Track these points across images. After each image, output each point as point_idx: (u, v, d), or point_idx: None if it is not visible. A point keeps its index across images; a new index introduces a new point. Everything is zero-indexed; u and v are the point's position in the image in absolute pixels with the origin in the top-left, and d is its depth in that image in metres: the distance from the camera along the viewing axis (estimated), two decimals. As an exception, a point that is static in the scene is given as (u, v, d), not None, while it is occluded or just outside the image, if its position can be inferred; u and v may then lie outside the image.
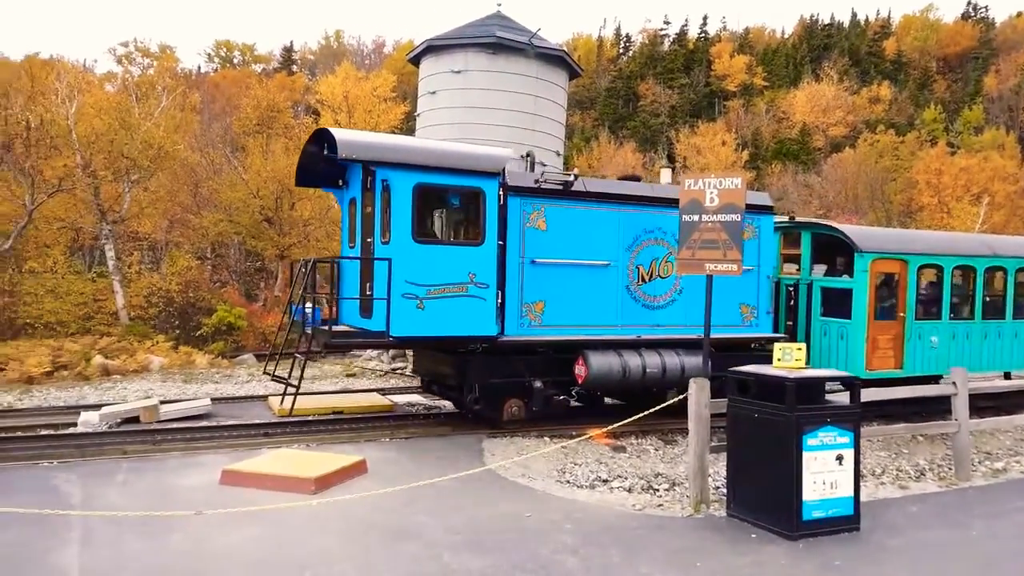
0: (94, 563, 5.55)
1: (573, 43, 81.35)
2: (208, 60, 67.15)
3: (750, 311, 11.89)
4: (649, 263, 11.24)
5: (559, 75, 21.40)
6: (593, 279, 10.82)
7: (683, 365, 10.85)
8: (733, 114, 66.62)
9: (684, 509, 7.33)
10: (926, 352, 12.38)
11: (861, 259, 11.82)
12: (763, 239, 11.98)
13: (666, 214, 11.15)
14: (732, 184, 8.49)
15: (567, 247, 10.61)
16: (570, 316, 10.68)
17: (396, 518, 6.66)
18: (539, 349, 10.61)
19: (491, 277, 9.92)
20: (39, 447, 9.14)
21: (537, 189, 10.49)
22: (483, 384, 10.27)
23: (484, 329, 9.89)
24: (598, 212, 10.89)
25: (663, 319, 11.37)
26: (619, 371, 10.48)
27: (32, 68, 26.21)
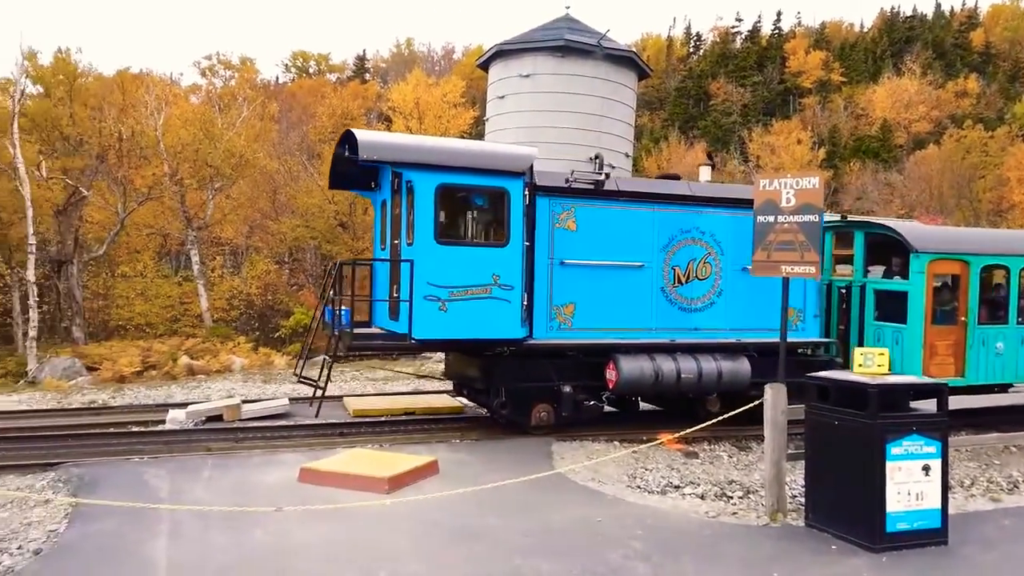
0: (182, 555, 5.80)
1: (642, 43, 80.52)
2: (285, 71, 69.35)
3: (796, 314, 11.32)
4: (686, 264, 10.87)
5: (628, 76, 21.22)
6: (625, 281, 10.53)
7: (720, 370, 10.49)
8: (809, 111, 64.68)
9: (760, 518, 7.16)
10: (991, 359, 11.59)
11: (917, 260, 11.11)
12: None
13: (704, 213, 10.89)
14: (809, 184, 8.24)
15: (598, 248, 10.37)
16: (601, 319, 10.42)
17: (467, 519, 6.73)
18: (569, 353, 10.38)
19: (516, 279, 9.73)
20: (131, 443, 9.63)
21: (567, 189, 10.28)
22: (510, 388, 10.11)
23: (508, 332, 9.71)
24: (631, 212, 10.60)
25: (701, 322, 10.95)
26: (651, 376, 10.16)
27: (124, 82, 27.64)
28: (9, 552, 5.93)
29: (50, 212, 23.81)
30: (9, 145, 22.06)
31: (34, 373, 18.37)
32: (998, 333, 11.71)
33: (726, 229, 11.04)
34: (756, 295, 10.96)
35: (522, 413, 10.22)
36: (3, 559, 5.80)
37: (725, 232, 11.03)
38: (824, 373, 6.92)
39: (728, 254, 11.05)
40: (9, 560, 5.77)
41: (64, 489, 7.59)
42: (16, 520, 6.69)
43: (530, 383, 10.18)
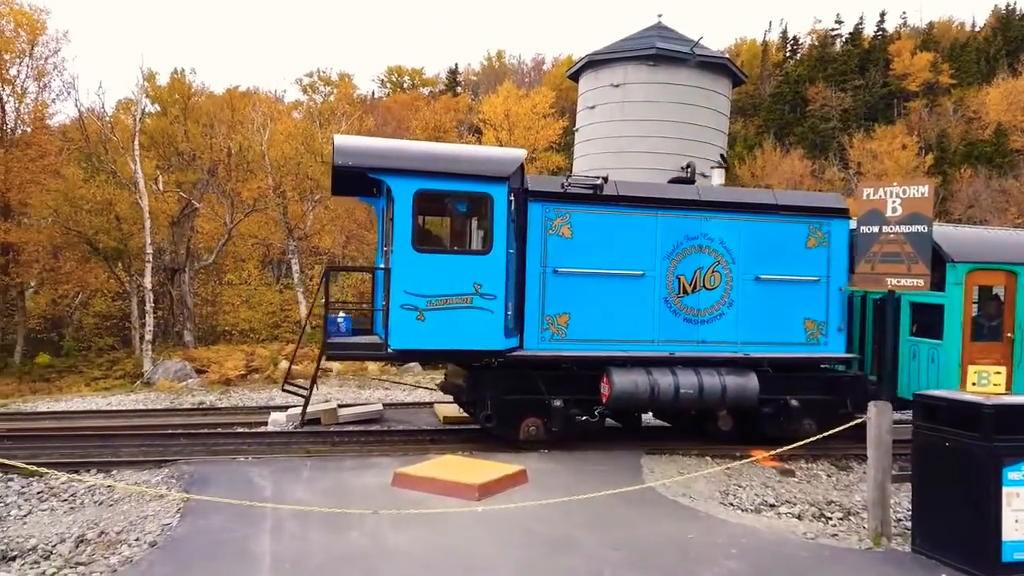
0: (283, 552, 6.06)
1: (736, 49, 78.70)
2: (381, 85, 71.47)
3: (817, 327, 10.68)
4: (692, 273, 10.34)
5: (721, 83, 20.84)
6: (625, 290, 10.10)
7: (724, 386, 9.92)
8: (915, 115, 61.53)
9: (862, 541, 6.85)
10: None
11: (954, 270, 10.17)
12: (834, 246, 10.73)
13: (713, 219, 10.38)
14: (917, 192, 7.89)
15: (595, 255, 9.98)
16: (599, 330, 10.01)
17: (556, 529, 6.74)
18: (563, 365, 10.02)
19: (499, 288, 9.31)
20: (236, 443, 10.13)
21: (562, 194, 9.94)
22: (497, 401, 9.80)
23: (490, 343, 9.32)
24: (632, 217, 10.14)
25: (709, 335, 10.40)
26: (646, 391, 9.68)
27: (232, 100, 29.21)
28: (128, 543, 6.34)
29: (165, 223, 25.45)
30: (131, 161, 23.73)
31: (149, 374, 19.59)
32: None
33: (738, 236, 10.49)
34: (771, 306, 10.51)
35: (510, 427, 9.87)
36: (123, 549, 6.21)
37: (737, 239, 10.49)
38: (935, 392, 6.56)
39: (740, 262, 10.49)
40: (128, 551, 6.17)
41: (177, 485, 8.06)
42: (134, 513, 7.15)
43: (519, 396, 9.83)
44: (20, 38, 27.87)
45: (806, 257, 10.61)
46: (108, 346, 28.91)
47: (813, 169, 55.32)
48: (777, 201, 10.81)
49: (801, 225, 10.64)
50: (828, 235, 10.74)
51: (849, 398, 10.65)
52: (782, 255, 10.57)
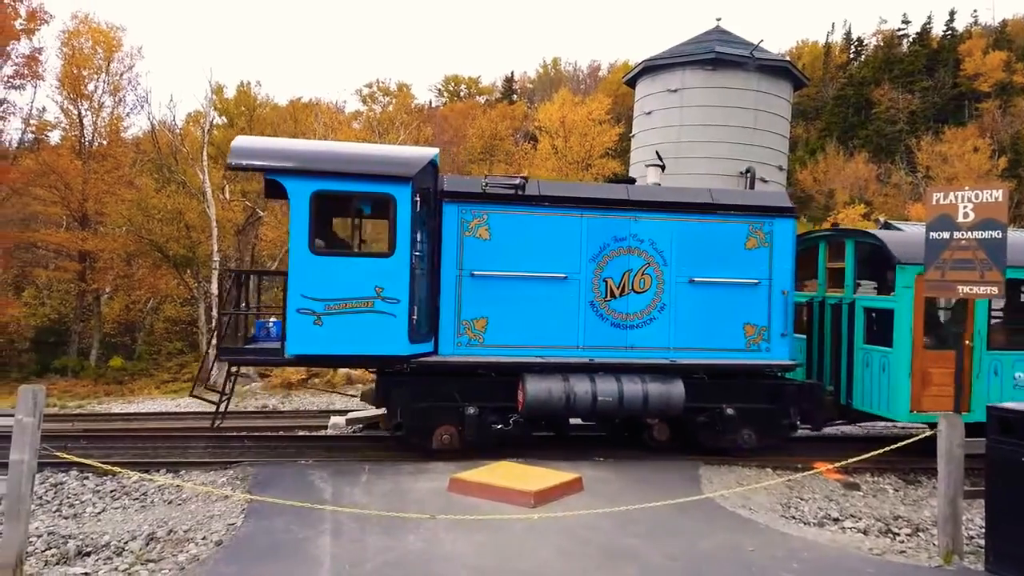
0: (342, 554, 6.16)
1: (797, 51, 77.06)
2: (438, 95, 72.39)
3: (758, 333, 10.13)
4: (620, 276, 9.90)
5: (782, 87, 20.44)
6: (547, 294, 9.72)
7: (647, 393, 9.47)
8: (987, 117, 59.07)
9: (932, 559, 6.60)
10: (1007, 392, 9.74)
11: (903, 273, 9.59)
12: (777, 247, 10.17)
13: (643, 219, 9.93)
14: (991, 196, 7.57)
15: (515, 258, 9.63)
16: (519, 335, 9.67)
17: (612, 539, 6.69)
18: (480, 371, 9.65)
19: (402, 291, 8.96)
20: (298, 446, 10.37)
21: (480, 195, 9.60)
22: (408, 409, 9.45)
23: (392, 348, 8.99)
24: (555, 218, 9.76)
25: (639, 340, 9.95)
26: (561, 398, 9.30)
27: (295, 111, 29.99)
28: (195, 542, 6.55)
29: (231, 231, 26.28)
30: (199, 171, 24.60)
31: (215, 378, 20.20)
32: (1017, 360, 9.80)
33: (671, 237, 10.04)
34: (707, 310, 10.05)
35: (422, 436, 9.55)
36: (190, 548, 6.42)
37: (669, 240, 10.04)
38: (1010, 404, 6.29)
39: (673, 264, 10.04)
40: (195, 549, 6.38)
41: (241, 486, 8.29)
42: (201, 512, 7.39)
43: (431, 403, 9.49)
44: (97, 55, 29.23)
45: (746, 258, 10.12)
46: (177, 350, 29.99)
47: (879, 173, 53.69)
48: (714, 200, 10.32)
49: (740, 225, 10.14)
50: (770, 235, 10.19)
51: (793, 408, 10.19)
52: (719, 256, 10.08)
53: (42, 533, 6.86)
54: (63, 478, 8.80)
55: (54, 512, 7.84)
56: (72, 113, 29.91)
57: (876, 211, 41.75)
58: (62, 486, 8.60)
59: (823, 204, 50.79)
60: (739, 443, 10.04)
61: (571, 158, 33.09)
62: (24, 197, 29.18)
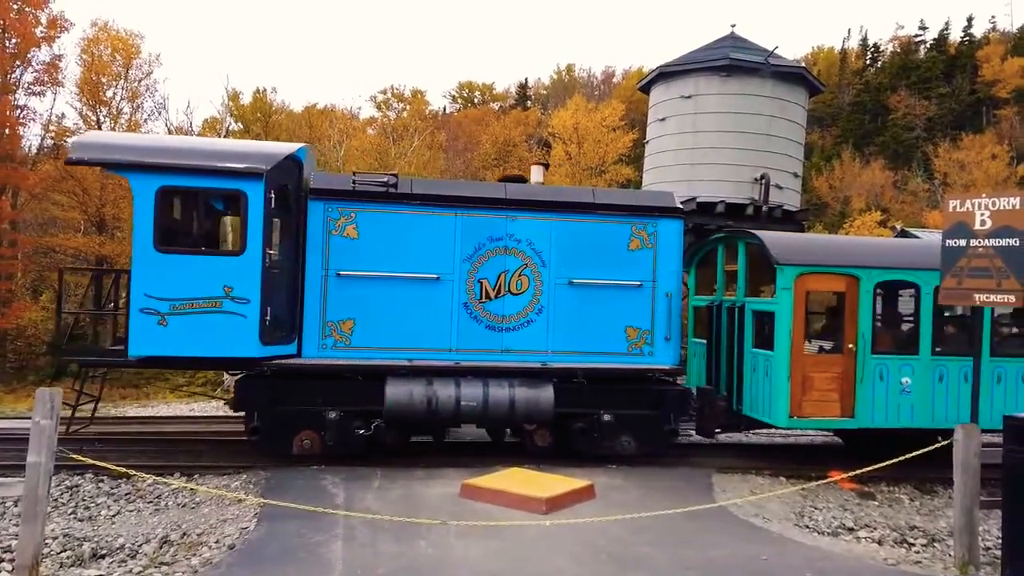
0: (354, 559, 6.18)
1: (812, 57, 76.76)
2: (452, 101, 72.63)
3: (641, 336, 9.88)
4: (496, 277, 9.65)
5: (797, 93, 20.35)
6: (418, 295, 9.48)
7: (513, 399, 9.23)
8: (1005, 124, 58.64)
9: (948, 570, 6.53)
10: (892, 397, 9.54)
11: (783, 274, 9.34)
12: (662, 248, 9.94)
13: (520, 219, 9.71)
14: (1009, 204, 7.52)
15: (385, 258, 9.40)
16: (388, 337, 9.42)
17: (625, 546, 6.66)
18: (347, 374, 9.37)
19: (253, 291, 8.67)
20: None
21: (348, 192, 9.38)
22: (266, 413, 9.14)
23: (242, 350, 8.67)
24: (427, 217, 9.53)
25: (515, 343, 9.69)
26: (422, 403, 9.08)
27: (311, 118, 30.20)
28: (208, 545, 6.60)
29: (245, 237, 26.40)
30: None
31: (229, 383, 20.32)
32: (903, 365, 9.55)
33: (549, 237, 9.81)
34: (587, 313, 9.81)
35: (280, 441, 9.23)
36: (203, 551, 6.46)
37: (548, 240, 9.81)
38: (1026, 414, 6.21)
39: (552, 266, 9.81)
40: (208, 552, 6.42)
41: (254, 490, 8.33)
42: (214, 516, 7.43)
43: (291, 407, 9.18)
44: (116, 62, 29.57)
45: (629, 260, 9.90)
46: (191, 354, 30.15)
47: (895, 180, 53.32)
48: (595, 199, 10.11)
49: (623, 225, 9.91)
50: (654, 236, 9.95)
51: (674, 414, 9.94)
52: (600, 258, 9.85)
53: (58, 535, 6.93)
54: (79, 481, 8.88)
55: (69, 514, 7.92)
56: (91, 119, 30.26)
57: (893, 218, 41.47)
58: (77, 488, 8.68)
59: (839, 211, 50.49)
60: (617, 450, 9.77)
61: (584, 164, 33.10)
62: (43, 202, 29.55)
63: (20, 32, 25.96)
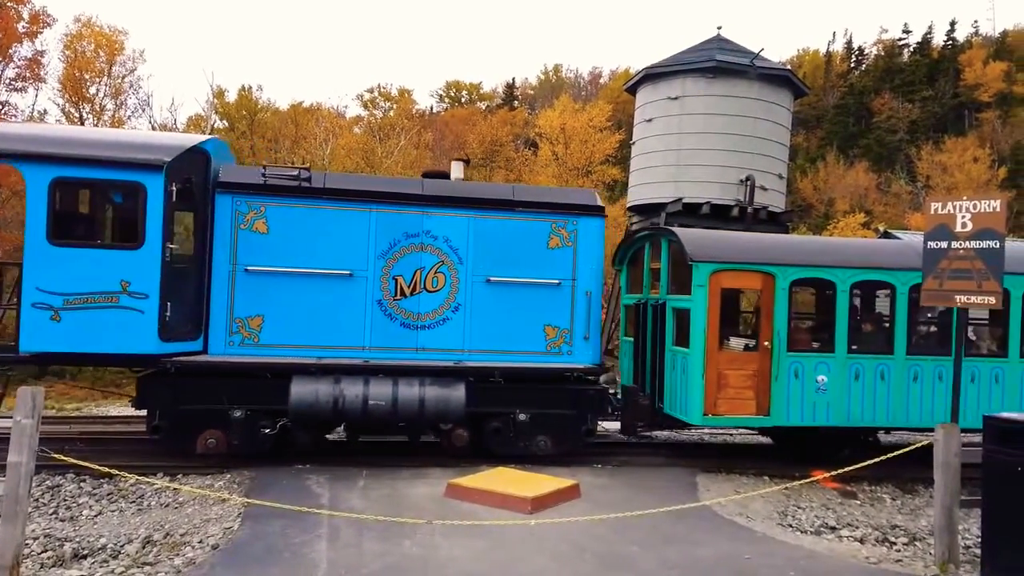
0: (339, 559, 6.16)
1: (798, 60, 77.28)
2: (439, 100, 72.52)
3: (560, 335, 9.83)
4: (412, 274, 9.55)
5: (783, 95, 20.49)
6: (331, 292, 9.34)
7: (423, 398, 9.10)
8: (987, 127, 59.36)
9: (928, 568, 6.60)
10: (808, 395, 9.52)
11: (697, 271, 9.30)
12: (581, 247, 9.89)
13: (437, 215, 9.63)
14: (989, 206, 7.61)
15: (296, 253, 9.25)
16: (299, 335, 9.28)
17: (610, 545, 6.69)
18: (255, 372, 9.14)
19: (152, 286, 8.44)
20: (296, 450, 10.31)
21: (258, 186, 9.19)
22: (168, 411, 8.92)
23: (139, 346, 8.45)
24: (341, 212, 9.38)
25: (431, 341, 9.59)
26: (328, 402, 8.90)
27: (297, 116, 30.07)
28: (191, 545, 6.55)
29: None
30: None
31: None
32: (819, 363, 9.59)
33: (467, 234, 9.72)
34: (505, 311, 9.74)
35: (184, 440, 9.04)
36: (187, 551, 6.42)
37: (465, 238, 9.72)
38: (1007, 414, 6.30)
39: (469, 263, 9.72)
40: (191, 552, 6.37)
41: (238, 490, 8.28)
42: (198, 516, 7.38)
43: (195, 406, 8.96)
44: (100, 58, 29.31)
45: (548, 258, 9.84)
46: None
47: (879, 182, 53.79)
48: (515, 196, 10.05)
49: (542, 223, 9.85)
50: (575, 234, 9.87)
51: (592, 413, 9.87)
52: (519, 255, 9.78)
53: (39, 535, 6.86)
54: (60, 480, 8.79)
55: (51, 515, 7.84)
56: (74, 116, 29.98)
57: (876, 220, 41.86)
58: (59, 488, 8.59)
59: (823, 213, 50.89)
60: (533, 450, 9.65)
61: (571, 165, 33.16)
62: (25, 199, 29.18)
63: (1, 27, 25.68)
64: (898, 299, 9.86)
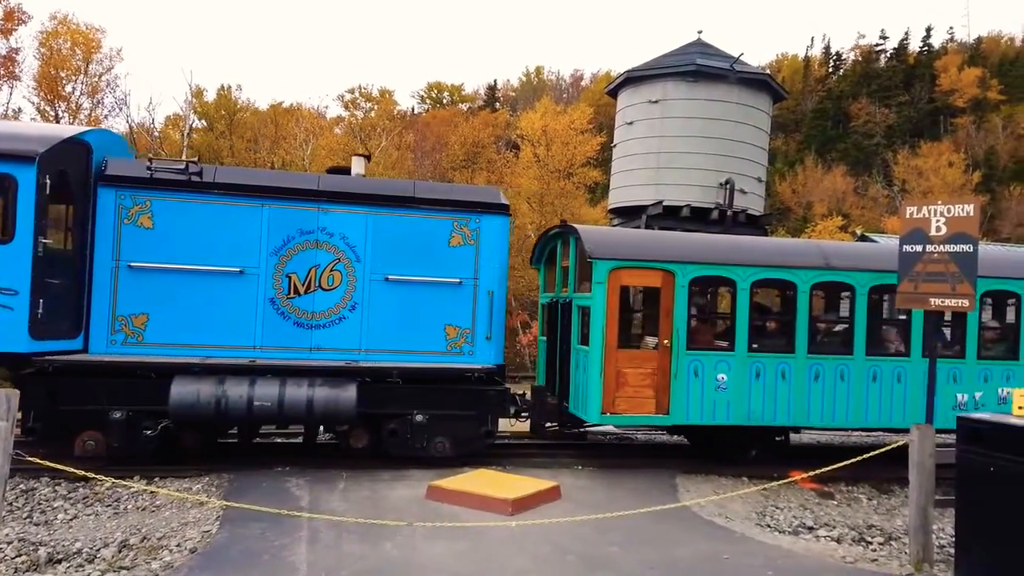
0: (318, 561, 6.13)
1: (777, 64, 78.05)
2: (421, 101, 72.40)
3: (461, 335, 9.67)
4: (307, 272, 9.33)
5: (762, 99, 20.70)
6: (220, 289, 9.10)
7: (311, 399, 8.80)
8: (962, 132, 60.31)
9: (903, 567, 6.70)
10: (708, 394, 9.53)
11: (596, 268, 9.23)
12: (484, 245, 9.73)
13: (333, 211, 9.42)
14: (963, 211, 7.73)
15: (183, 249, 9.00)
16: (186, 334, 9.02)
17: (590, 547, 6.71)
18: (139, 372, 8.82)
19: (21, 282, 8.13)
20: (276, 453, 10.25)
21: (144, 180, 8.91)
22: (45, 412, 8.60)
23: (9, 345, 8.16)
24: (232, 207, 9.15)
25: (326, 341, 9.38)
26: (210, 403, 8.59)
27: (276, 116, 29.87)
28: (169, 549, 6.48)
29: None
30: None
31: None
32: (719, 362, 9.56)
33: (365, 231, 9.54)
34: (404, 311, 9.59)
35: (59, 441, 8.74)
36: (164, 555, 6.35)
37: (363, 235, 9.53)
38: (980, 415, 6.39)
39: (367, 261, 9.53)
40: (169, 556, 6.31)
41: (217, 493, 8.21)
42: (176, 519, 7.31)
43: (74, 406, 8.63)
44: (76, 56, 28.93)
45: (449, 256, 9.68)
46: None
47: (856, 186, 54.44)
48: (415, 193, 9.84)
49: (444, 221, 9.69)
50: (477, 233, 9.71)
51: (492, 414, 9.71)
52: (420, 254, 9.62)
53: (12, 540, 6.75)
54: (34, 484, 8.66)
55: (25, 519, 7.71)
56: (49, 114, 29.57)
57: (853, 224, 42.35)
58: (33, 492, 8.46)
59: (802, 216, 51.41)
60: (431, 452, 9.47)
61: (553, 167, 33.23)
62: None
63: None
64: (799, 298, 9.83)
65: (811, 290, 9.88)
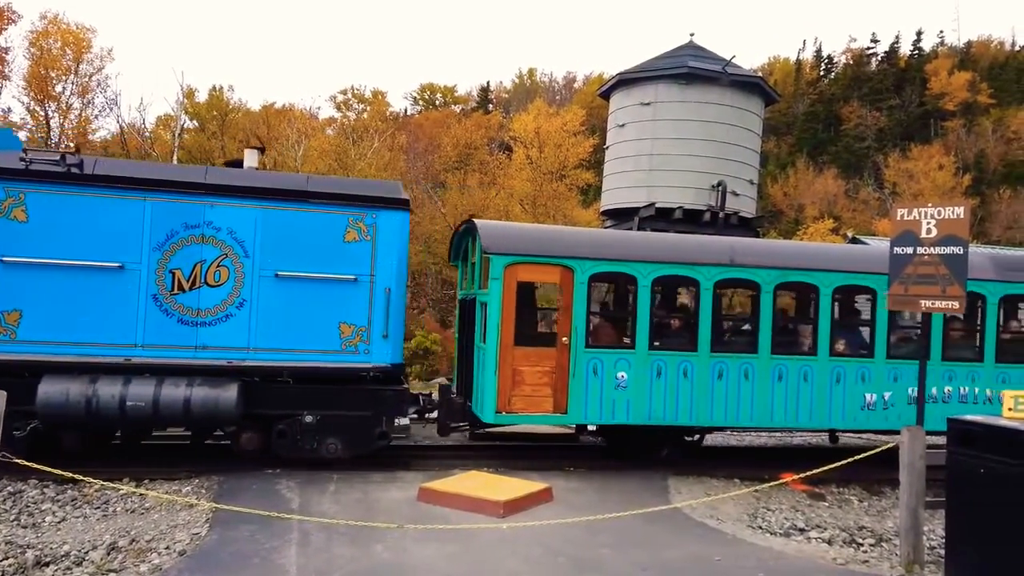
0: (309, 564, 6.09)
1: (769, 67, 78.34)
2: (414, 103, 72.33)
3: (356, 333, 9.38)
4: (192, 267, 8.99)
5: (754, 102, 20.76)
6: (98, 285, 8.77)
7: (188, 399, 8.55)
8: (952, 135, 60.66)
9: (894, 568, 6.71)
10: (608, 393, 9.32)
11: (492, 264, 9.03)
12: (381, 241, 9.42)
13: (220, 205, 9.10)
14: (953, 213, 7.75)
15: (59, 244, 8.67)
16: (63, 331, 8.68)
17: (582, 549, 6.70)
18: (13, 371, 8.52)
19: None
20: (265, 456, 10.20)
21: (17, 171, 8.60)
22: None
23: None
24: (112, 200, 8.83)
25: (213, 339, 9.04)
26: (80, 403, 8.34)
27: (268, 117, 29.78)
28: (158, 551, 6.44)
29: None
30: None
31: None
32: (619, 360, 9.38)
33: (254, 226, 9.23)
34: (296, 308, 9.27)
35: None
36: (153, 558, 6.30)
37: (252, 230, 9.22)
38: (971, 416, 6.41)
39: (256, 257, 9.21)
40: (158, 559, 6.26)
41: (206, 495, 8.16)
42: (165, 522, 7.26)
43: None
44: (66, 56, 28.77)
45: (344, 252, 9.37)
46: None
47: (847, 189, 54.66)
48: (308, 187, 9.56)
49: (339, 216, 9.39)
50: (373, 228, 9.43)
51: (388, 415, 9.50)
52: (313, 249, 9.30)
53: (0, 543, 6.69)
54: (22, 487, 8.59)
55: (12, 521, 7.64)
56: (39, 114, 29.40)
57: (845, 226, 42.51)
58: (21, 495, 8.39)
59: (793, 219, 51.60)
60: (323, 454, 9.27)
61: (545, 169, 33.25)
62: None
63: (-36, 23, 25.13)
64: (702, 295, 9.65)
65: (714, 288, 9.71)
